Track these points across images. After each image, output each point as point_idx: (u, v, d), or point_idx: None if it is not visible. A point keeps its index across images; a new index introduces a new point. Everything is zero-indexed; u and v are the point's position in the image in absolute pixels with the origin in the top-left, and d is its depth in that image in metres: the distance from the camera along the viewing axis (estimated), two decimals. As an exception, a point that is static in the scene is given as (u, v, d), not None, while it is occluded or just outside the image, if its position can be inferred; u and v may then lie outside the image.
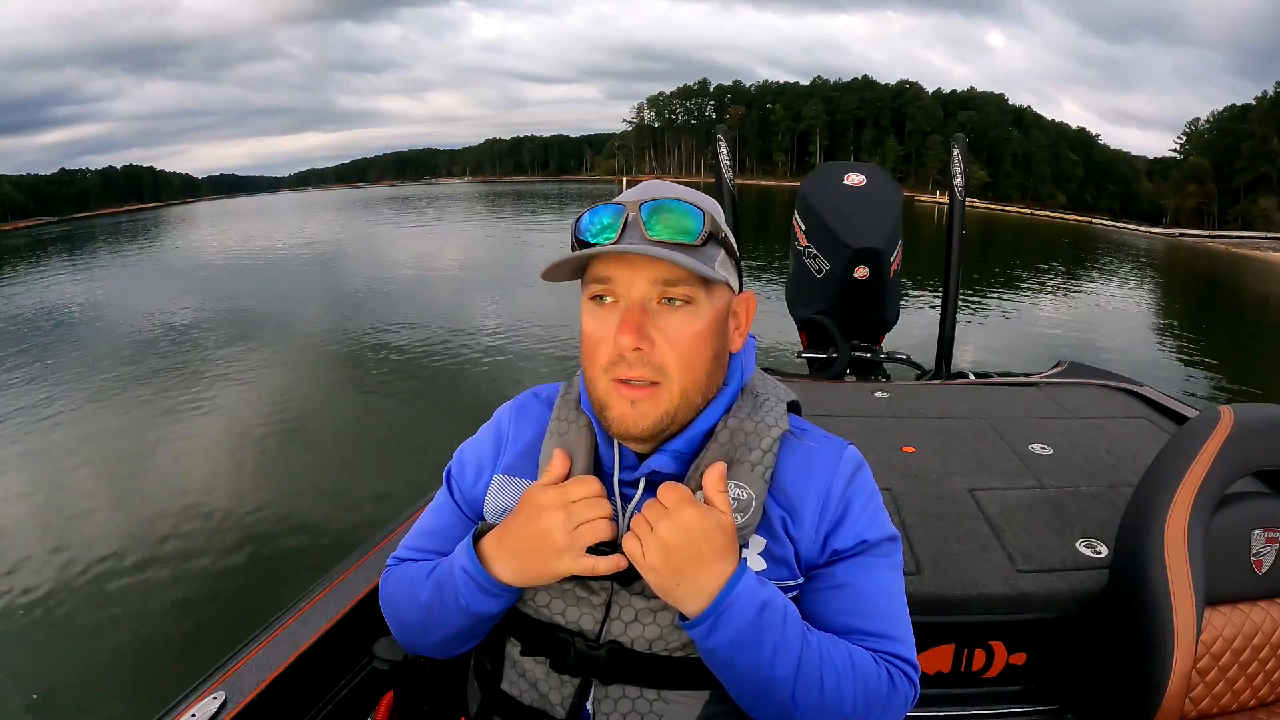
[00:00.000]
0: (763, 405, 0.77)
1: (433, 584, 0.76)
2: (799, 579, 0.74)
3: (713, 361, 0.72)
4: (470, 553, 0.72)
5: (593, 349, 0.71)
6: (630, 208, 0.70)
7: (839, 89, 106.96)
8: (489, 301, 11.31)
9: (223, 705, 0.95)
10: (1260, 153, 56.72)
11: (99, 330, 10.67)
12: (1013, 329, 10.29)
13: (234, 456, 5.30)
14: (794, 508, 0.74)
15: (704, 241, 0.70)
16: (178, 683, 1.02)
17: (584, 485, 0.70)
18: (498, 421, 0.86)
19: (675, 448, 0.73)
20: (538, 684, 0.75)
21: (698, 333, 0.70)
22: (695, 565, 0.64)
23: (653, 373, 0.69)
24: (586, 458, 0.75)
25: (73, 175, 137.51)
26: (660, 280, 0.68)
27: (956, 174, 3.38)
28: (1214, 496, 1.10)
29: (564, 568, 0.68)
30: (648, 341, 0.68)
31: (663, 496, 0.67)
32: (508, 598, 0.73)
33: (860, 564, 0.74)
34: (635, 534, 0.66)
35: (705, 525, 0.65)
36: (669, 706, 0.72)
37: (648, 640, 0.72)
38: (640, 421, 0.70)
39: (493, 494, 0.80)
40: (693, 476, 0.72)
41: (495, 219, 35.40)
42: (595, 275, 0.70)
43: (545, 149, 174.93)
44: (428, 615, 0.77)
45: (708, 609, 0.64)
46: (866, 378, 3.03)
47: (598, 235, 0.70)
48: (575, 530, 0.68)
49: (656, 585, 0.66)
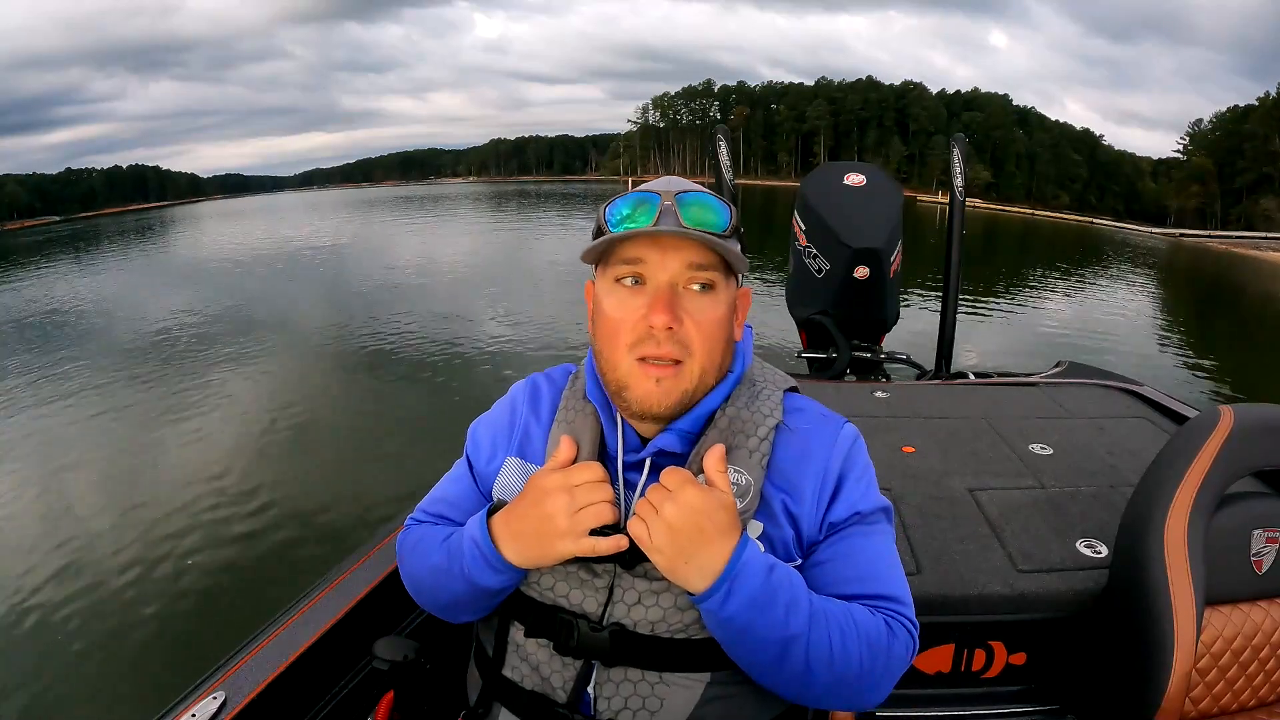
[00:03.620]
0: (760, 394, 0.81)
1: (444, 550, 0.80)
2: (797, 560, 0.76)
3: (727, 344, 0.77)
4: (483, 527, 0.75)
5: (614, 330, 0.74)
6: (665, 196, 0.73)
7: (843, 89, 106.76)
8: (494, 300, 11.33)
9: (223, 705, 0.96)
10: (1262, 153, 56.50)
11: (107, 328, 10.72)
12: (1012, 329, 10.27)
13: (236, 455, 5.30)
14: (794, 487, 0.76)
15: (730, 233, 0.74)
16: (178, 683, 1.02)
17: (587, 470, 0.72)
18: (512, 401, 0.89)
19: (681, 427, 0.77)
20: (540, 667, 0.77)
21: (719, 317, 0.74)
22: (700, 543, 0.66)
23: (679, 351, 0.72)
24: (591, 444, 0.78)
25: (78, 175, 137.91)
26: (691, 264, 0.72)
27: (957, 174, 3.39)
28: (1214, 496, 1.10)
29: (565, 549, 0.70)
30: (679, 321, 0.71)
31: (665, 480, 0.69)
32: (510, 575, 0.75)
33: (854, 533, 0.77)
34: (640, 517, 0.69)
35: (708, 504, 0.67)
36: (670, 689, 0.73)
37: (650, 622, 0.73)
38: (664, 399, 0.73)
39: (503, 476, 0.83)
40: (694, 460, 0.75)
41: (504, 219, 35.50)
42: (625, 257, 0.73)
43: (550, 149, 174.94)
44: (436, 578, 0.81)
45: (719, 579, 0.66)
46: (866, 378, 3.03)
47: (631, 221, 0.73)
48: (577, 513, 0.70)
49: (663, 566, 0.68)
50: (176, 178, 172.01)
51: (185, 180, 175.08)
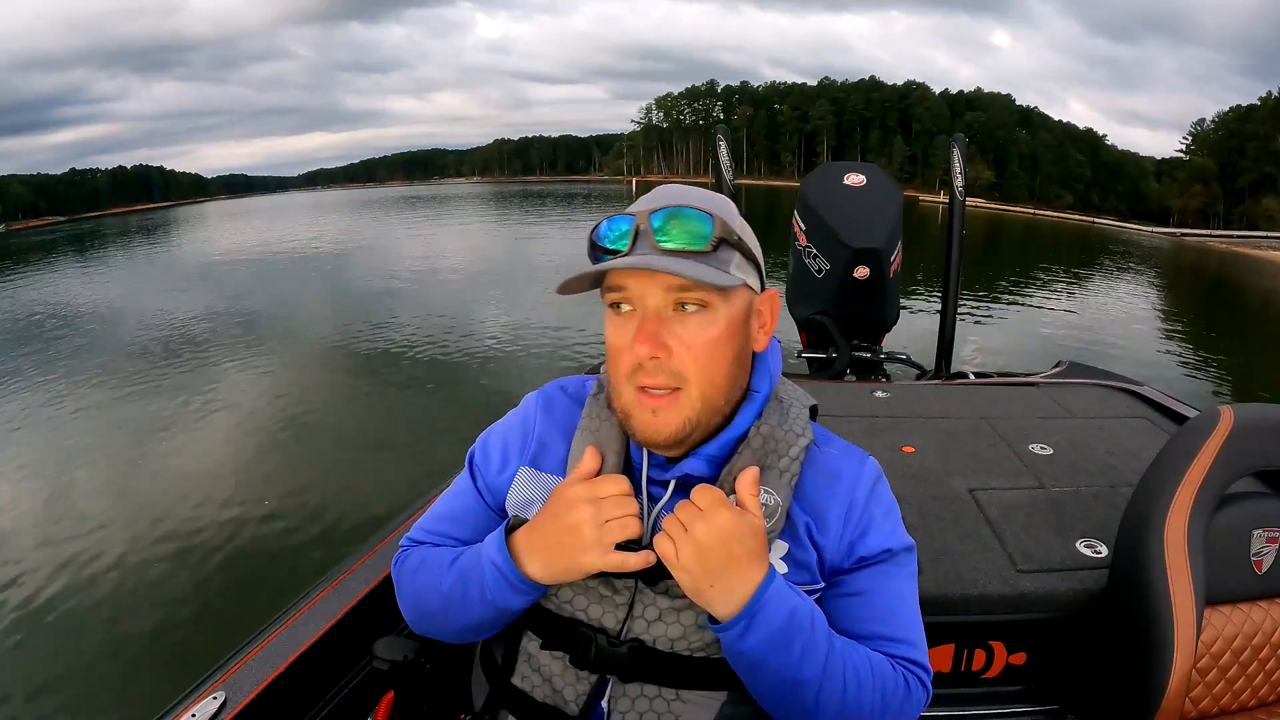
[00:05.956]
0: (789, 412, 0.78)
1: (456, 573, 0.76)
2: (820, 583, 0.75)
3: (733, 364, 0.73)
4: (502, 547, 0.72)
5: (615, 357, 0.71)
6: (640, 218, 0.70)
7: (846, 89, 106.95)
8: (497, 301, 11.33)
9: (223, 705, 0.96)
10: (1264, 153, 56.50)
11: (112, 328, 10.71)
12: (1013, 329, 10.25)
13: (237, 454, 5.31)
14: (819, 515, 0.75)
15: (715, 247, 0.70)
16: (178, 683, 1.02)
17: (613, 483, 0.70)
18: (525, 411, 0.86)
19: (709, 452, 0.74)
20: (552, 679, 0.75)
21: (714, 338, 0.70)
22: (728, 568, 0.65)
23: (672, 379, 0.69)
24: (617, 456, 0.76)
25: (83, 175, 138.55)
26: (674, 287, 0.68)
27: (957, 174, 3.38)
28: (1214, 496, 1.10)
29: (591, 563, 0.69)
30: (664, 350, 0.68)
31: (697, 498, 0.67)
32: (534, 594, 0.73)
33: (882, 572, 0.75)
34: (668, 534, 0.67)
35: (739, 528, 0.65)
36: (686, 706, 0.72)
37: (670, 639, 0.72)
38: (663, 429, 0.70)
39: (517, 486, 0.81)
40: (725, 480, 0.73)
41: (508, 219, 35.51)
42: (611, 284, 0.70)
43: (553, 149, 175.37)
44: (448, 604, 0.77)
45: (740, 612, 0.65)
46: (866, 378, 3.03)
47: (614, 244, 0.71)
48: (603, 526, 0.68)
49: (688, 586, 0.66)
50: (181, 178, 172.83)
51: (189, 180, 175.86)
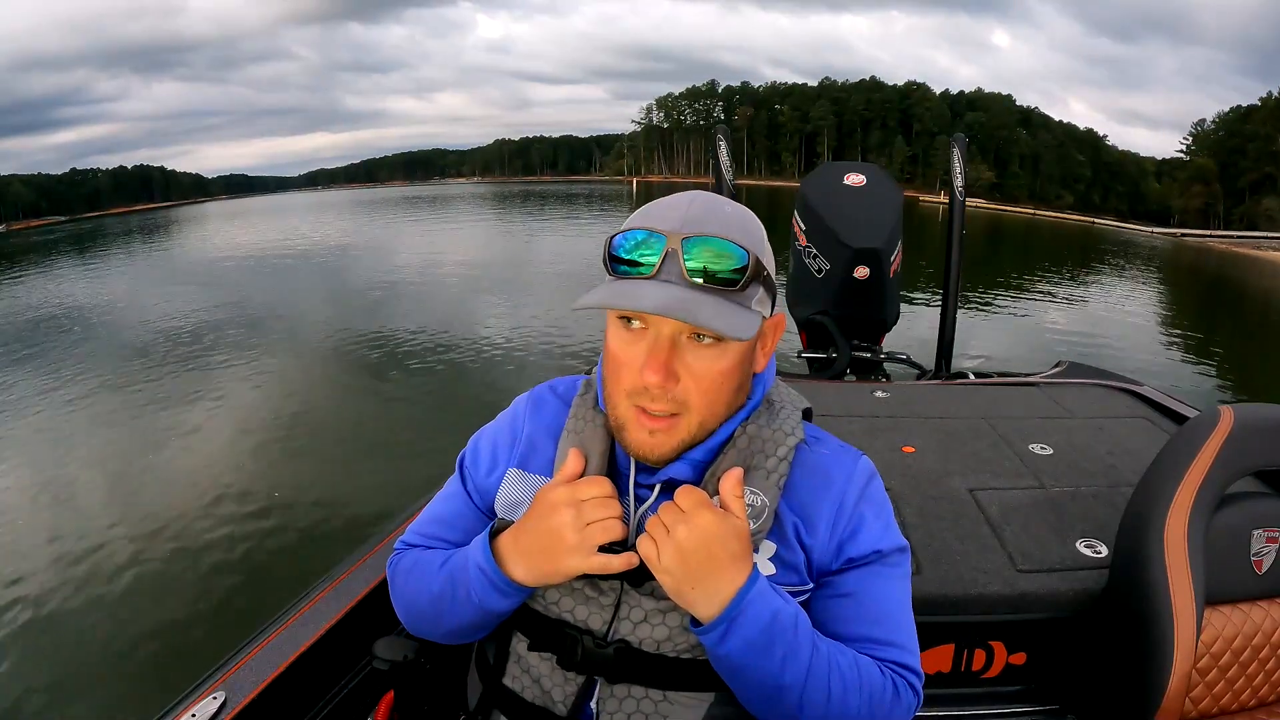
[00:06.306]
0: (779, 413, 0.78)
1: (445, 575, 0.77)
2: (808, 584, 0.74)
3: (735, 392, 0.73)
4: (486, 551, 0.73)
5: (616, 370, 0.70)
6: (672, 239, 0.67)
7: (847, 90, 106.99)
8: (498, 302, 11.33)
9: (223, 705, 0.96)
10: (1265, 153, 56.57)
11: (113, 328, 10.70)
12: (1013, 329, 10.24)
13: (237, 454, 5.31)
14: (808, 515, 0.74)
15: (747, 282, 0.68)
16: (178, 683, 1.02)
17: (596, 485, 0.70)
18: (514, 413, 0.86)
19: (694, 457, 0.73)
20: (541, 680, 0.75)
21: (724, 370, 0.69)
22: (710, 570, 0.65)
23: (674, 406, 0.69)
24: (601, 458, 0.75)
25: (84, 175, 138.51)
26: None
27: (957, 174, 3.38)
28: (1214, 496, 1.10)
29: (574, 565, 0.69)
30: (673, 379, 0.67)
31: (680, 500, 0.67)
32: (519, 596, 0.73)
33: (872, 573, 0.75)
34: (651, 536, 0.66)
35: (722, 530, 0.65)
36: (673, 707, 0.72)
37: (656, 641, 0.72)
38: (658, 449, 0.71)
39: (505, 488, 0.81)
40: (709, 481, 0.73)
41: (510, 219, 35.50)
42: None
43: (554, 149, 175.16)
44: (439, 606, 0.78)
45: (720, 615, 0.65)
46: (866, 378, 3.03)
47: (636, 256, 0.68)
48: (586, 528, 0.68)
49: (670, 588, 0.66)
50: (181, 178, 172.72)
51: (190, 180, 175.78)
